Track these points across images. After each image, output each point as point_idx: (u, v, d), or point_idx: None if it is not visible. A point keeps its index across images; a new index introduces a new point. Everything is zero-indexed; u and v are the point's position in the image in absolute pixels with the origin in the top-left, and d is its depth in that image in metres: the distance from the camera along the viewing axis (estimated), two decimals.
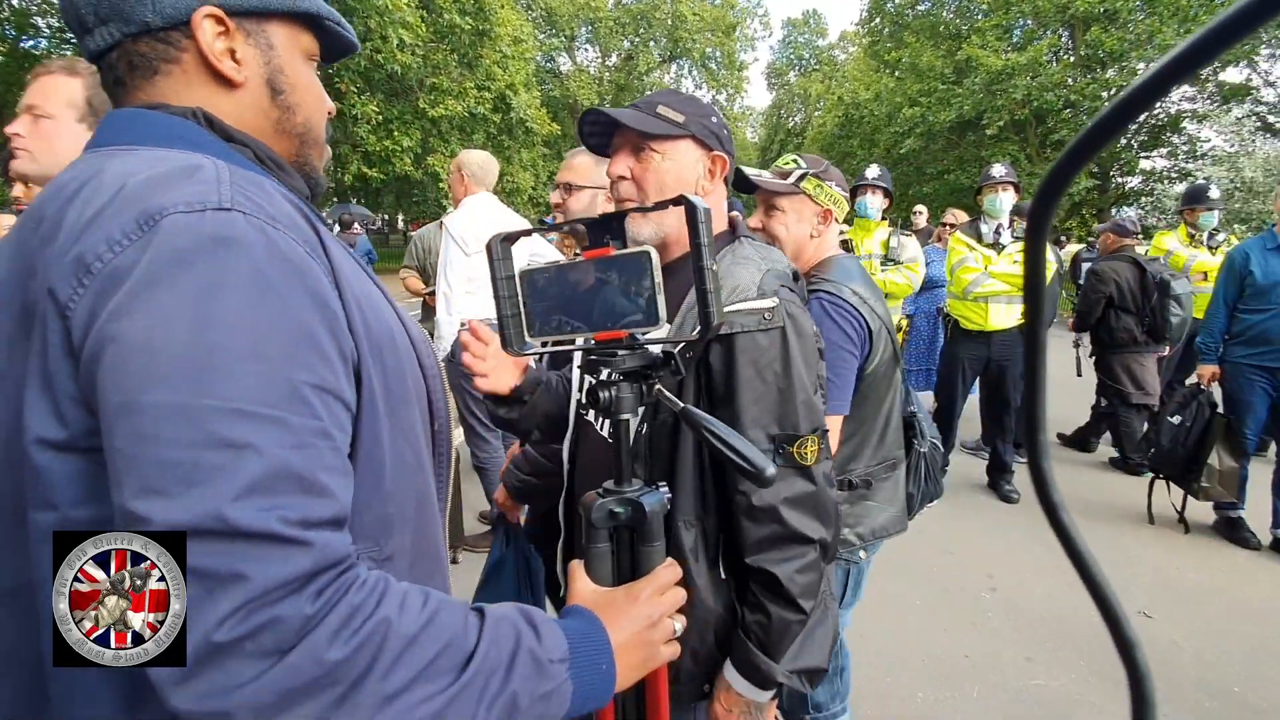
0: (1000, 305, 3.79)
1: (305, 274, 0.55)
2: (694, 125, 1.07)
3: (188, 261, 0.50)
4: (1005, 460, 4.09)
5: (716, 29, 26.61)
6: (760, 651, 0.97)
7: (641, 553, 0.76)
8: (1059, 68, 15.36)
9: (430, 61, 12.12)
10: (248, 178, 0.58)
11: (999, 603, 2.96)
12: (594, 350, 0.75)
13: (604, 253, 0.72)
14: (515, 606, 0.61)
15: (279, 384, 0.50)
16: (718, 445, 0.70)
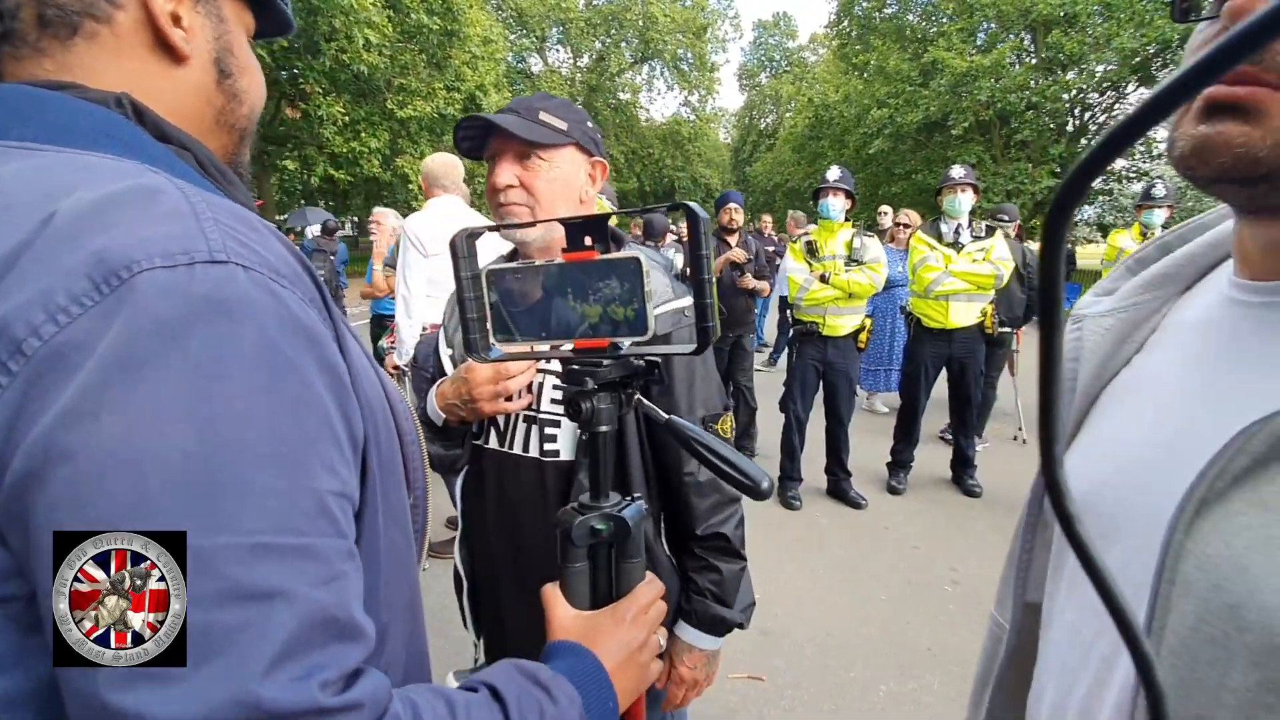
0: (960, 303, 3.86)
1: (320, 343, 0.44)
2: (576, 132, 1.09)
3: (178, 337, 0.38)
4: (968, 455, 4.17)
5: (688, 30, 26.70)
6: (718, 604, 1.11)
7: (622, 569, 0.73)
8: (1021, 70, 15.72)
9: (398, 62, 11.96)
10: (225, 208, 0.45)
11: (961, 595, 3.02)
12: (576, 359, 0.71)
13: (588, 256, 0.68)
14: (517, 670, 0.56)
15: (305, 498, 0.41)
16: (709, 457, 0.71)
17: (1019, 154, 16.23)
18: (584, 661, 0.62)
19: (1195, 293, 0.58)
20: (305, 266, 0.48)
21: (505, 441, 1.12)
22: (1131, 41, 13.46)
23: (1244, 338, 0.49)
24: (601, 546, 0.72)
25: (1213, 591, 0.42)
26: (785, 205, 23.58)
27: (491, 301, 0.71)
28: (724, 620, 1.12)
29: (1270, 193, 0.43)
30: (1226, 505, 0.43)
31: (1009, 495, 4.09)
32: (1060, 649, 0.60)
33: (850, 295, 3.69)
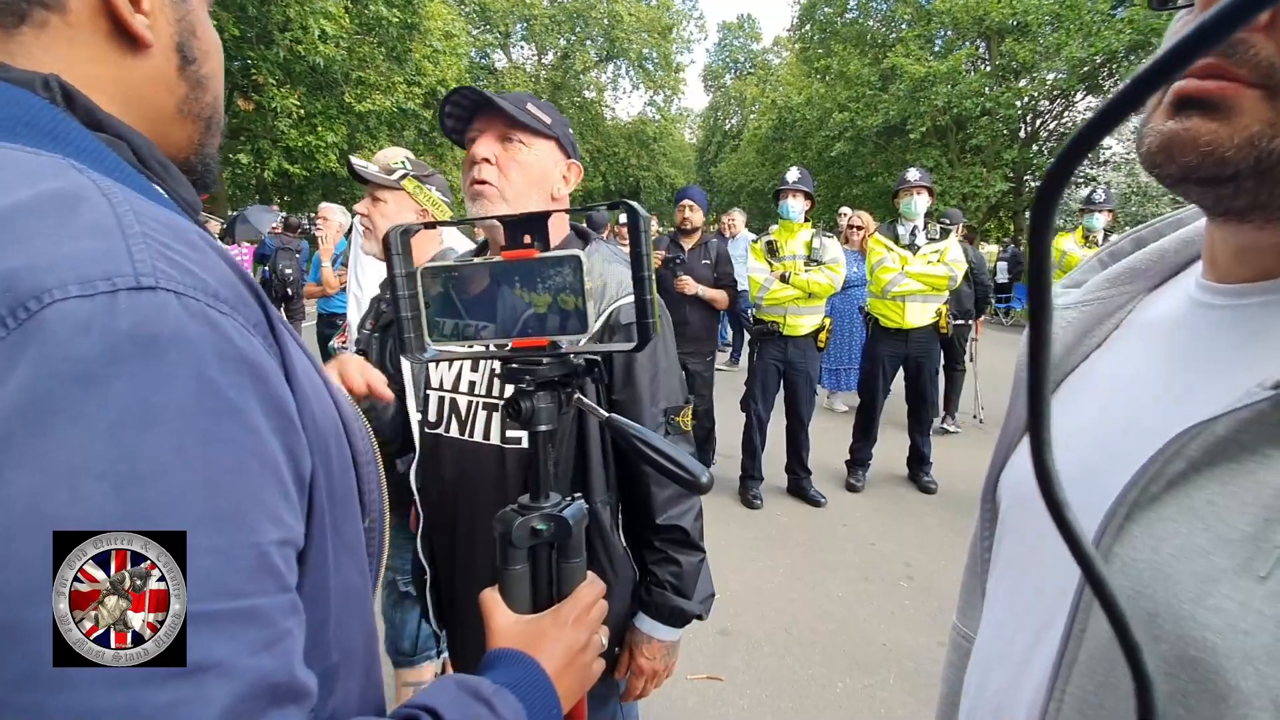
0: (916, 304, 3.94)
1: (264, 378, 0.40)
2: (558, 130, 1.13)
3: (97, 381, 0.33)
4: (924, 453, 4.26)
5: (652, 30, 26.73)
6: (678, 596, 1.12)
7: (563, 570, 0.72)
8: (976, 77, 16.16)
9: (356, 54, 11.67)
10: (157, 218, 0.39)
11: (916, 590, 3.08)
12: (516, 358, 0.70)
13: (527, 254, 0.67)
14: (459, 687, 0.54)
15: (245, 555, 0.37)
16: (650, 454, 0.71)
17: (974, 158, 16.68)
18: (526, 670, 0.61)
19: (1163, 291, 0.56)
20: (249, 284, 0.43)
21: (465, 429, 1.12)
22: (1080, 51, 13.95)
23: (1203, 340, 0.48)
24: (542, 547, 0.71)
25: (1133, 598, 0.42)
26: (750, 206, 23.83)
27: (426, 301, 0.70)
28: (683, 612, 1.13)
29: (1237, 195, 0.41)
30: (1159, 510, 0.42)
31: (963, 491, 4.19)
32: (982, 648, 0.59)
33: (810, 295, 3.73)
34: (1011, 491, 0.60)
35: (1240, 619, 0.37)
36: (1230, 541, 0.39)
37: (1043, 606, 0.50)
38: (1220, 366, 0.45)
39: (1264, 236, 0.44)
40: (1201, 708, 0.38)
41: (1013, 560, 0.58)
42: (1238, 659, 0.36)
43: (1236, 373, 0.43)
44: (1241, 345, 0.45)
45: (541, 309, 0.68)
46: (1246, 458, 0.39)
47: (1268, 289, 0.45)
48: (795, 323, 3.80)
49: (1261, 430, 0.39)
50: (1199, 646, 0.38)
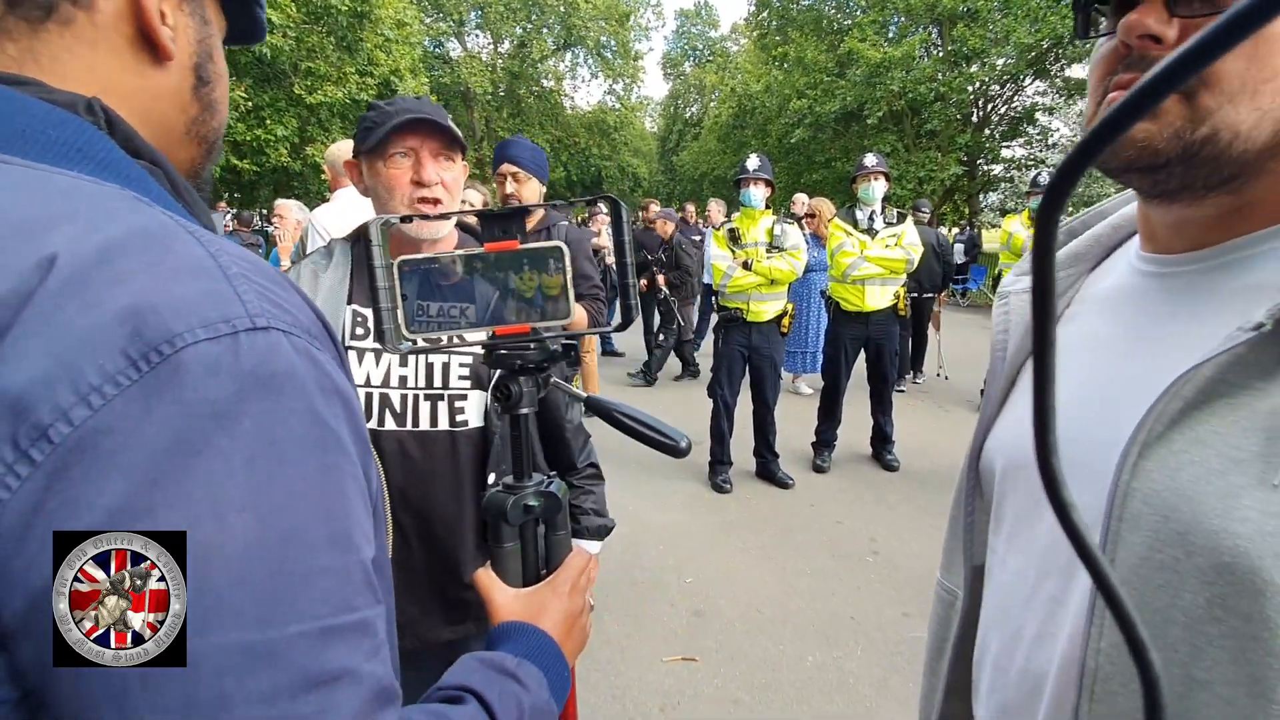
0: (875, 287, 4.03)
1: (352, 407, 0.43)
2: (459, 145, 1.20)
3: (230, 419, 0.35)
4: (886, 431, 4.37)
5: (610, 17, 26.47)
6: (599, 516, 1.37)
7: (552, 542, 0.77)
8: (929, 62, 16.47)
9: (304, 44, 11.30)
10: (243, 257, 0.41)
11: (881, 565, 3.18)
12: (502, 345, 0.74)
13: (509, 245, 0.71)
14: (485, 665, 0.57)
15: (356, 573, 0.40)
16: (633, 425, 0.77)
17: (929, 143, 17.02)
18: (537, 639, 0.65)
19: (1104, 269, 0.64)
20: (321, 318, 0.45)
21: (405, 421, 1.16)
22: (1027, 37, 14.31)
23: (1156, 303, 0.55)
24: (529, 524, 0.75)
25: (1161, 522, 0.47)
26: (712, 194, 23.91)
27: (404, 292, 0.72)
28: (606, 527, 1.39)
29: (1169, 179, 0.49)
30: (1168, 445, 0.48)
31: (924, 467, 4.32)
32: (1002, 597, 0.64)
33: (772, 281, 3.78)
34: (1006, 456, 0.65)
35: (1264, 523, 0.42)
36: (1241, 461, 0.44)
37: (1066, 549, 0.52)
38: (1179, 324, 0.52)
39: (1193, 212, 0.52)
40: (1240, 605, 0.43)
41: (1021, 516, 0.62)
42: (1270, 557, 0.42)
43: (1195, 327, 0.50)
44: (1191, 304, 0.52)
45: (522, 297, 0.71)
46: (1238, 392, 0.45)
47: (1203, 256, 0.53)
48: (758, 309, 3.85)
49: (1245, 368, 0.45)
50: (1233, 553, 0.43)
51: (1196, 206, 0.51)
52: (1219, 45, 0.16)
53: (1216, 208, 0.51)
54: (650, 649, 2.53)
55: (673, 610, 2.80)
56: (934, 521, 3.56)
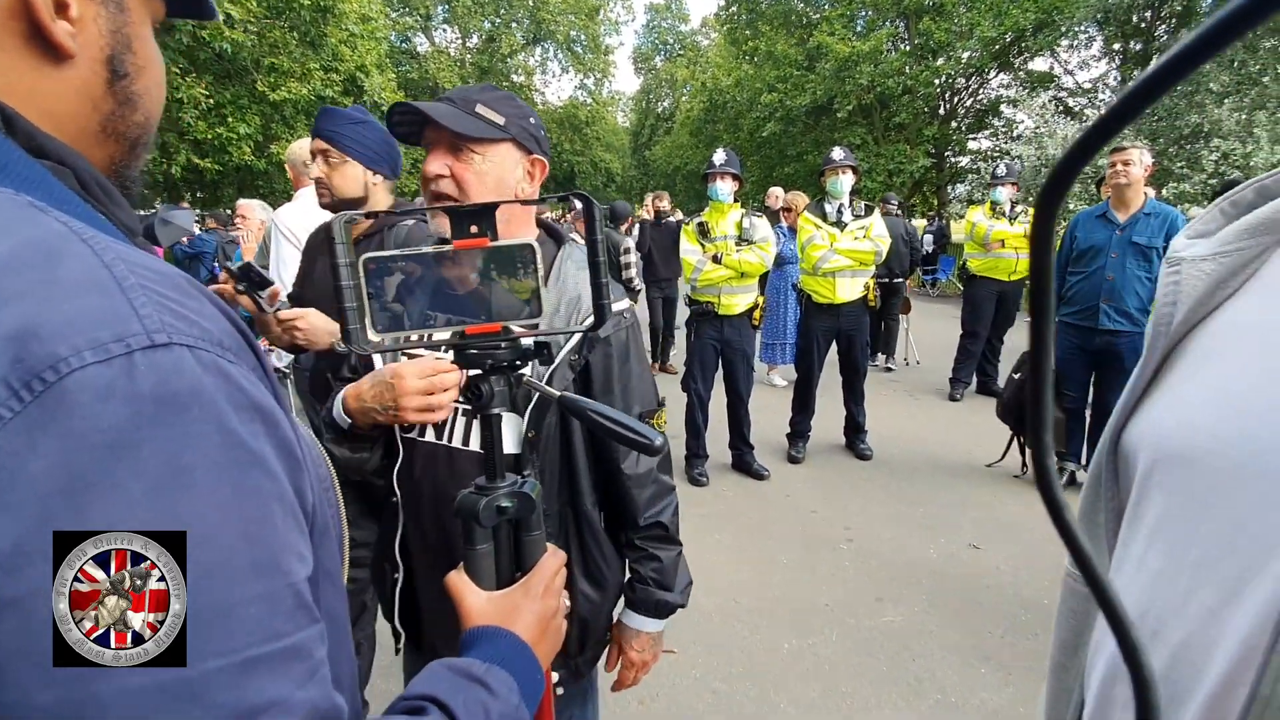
0: (846, 279, 4.08)
1: (275, 422, 0.40)
2: (513, 128, 1.06)
3: (128, 449, 0.33)
4: (859, 421, 4.44)
5: (579, 11, 26.32)
6: (661, 590, 1.17)
7: (525, 544, 0.75)
8: (897, 56, 16.65)
9: (266, 40, 11.03)
10: (145, 265, 0.38)
11: (854, 552, 3.23)
12: (473, 344, 0.72)
13: (480, 243, 0.69)
14: (452, 672, 0.56)
15: (284, 599, 0.38)
16: (605, 424, 0.75)
17: (898, 136, 17.24)
18: (508, 643, 0.65)
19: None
20: (239, 327, 0.42)
21: (442, 434, 1.11)
22: (991, 30, 14.56)
23: None
24: (503, 525, 0.74)
25: None
26: (685, 188, 23.93)
27: (370, 291, 0.70)
28: (667, 604, 1.18)
29: None
30: None
31: (896, 456, 4.40)
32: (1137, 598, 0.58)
33: (742, 275, 3.81)
34: (1155, 444, 0.58)
35: None
36: None
37: (1234, 561, 0.49)
38: None
39: None
40: None
41: (1173, 516, 0.56)
42: None
43: None
44: None
45: (494, 295, 0.70)
46: None
47: None
48: (729, 302, 3.87)
49: None
50: None
51: None
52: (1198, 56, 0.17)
53: None
54: None
55: None
56: (906, 509, 3.63)
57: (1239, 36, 0.17)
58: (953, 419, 5.20)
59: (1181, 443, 0.55)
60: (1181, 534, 0.54)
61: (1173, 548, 0.55)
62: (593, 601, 1.16)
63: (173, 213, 4.75)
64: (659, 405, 1.20)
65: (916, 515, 3.56)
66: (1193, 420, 0.54)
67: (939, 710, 2.19)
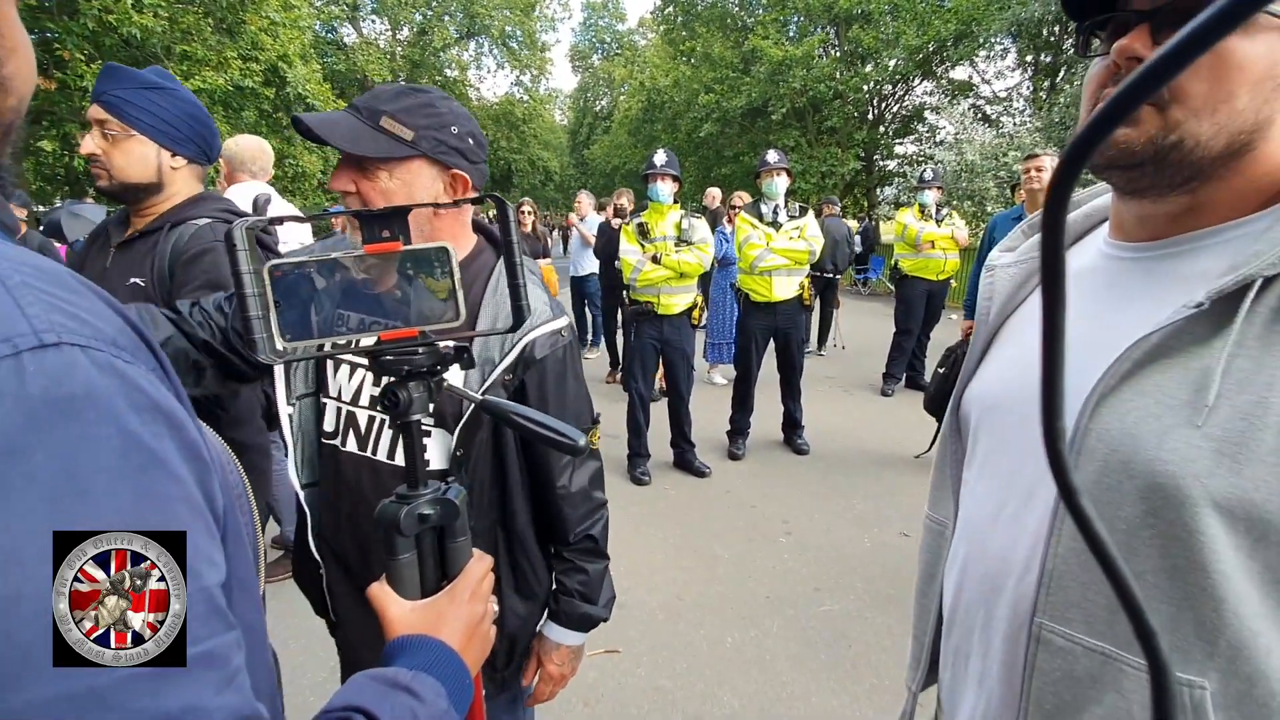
0: (782, 278, 4.18)
1: (178, 424, 0.39)
2: (425, 143, 0.98)
3: (19, 454, 0.31)
4: (796, 417, 4.56)
5: (515, 7, 25.90)
6: (585, 603, 1.16)
7: (450, 550, 0.74)
8: (828, 61, 17.19)
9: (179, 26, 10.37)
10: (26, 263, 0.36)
11: (793, 545, 3.31)
12: (389, 350, 0.70)
13: (392, 247, 0.68)
14: (376, 681, 0.55)
15: (196, 604, 0.37)
16: (528, 426, 0.75)
17: (830, 139, 17.79)
18: (433, 651, 0.64)
19: (1075, 251, 0.76)
20: (134, 327, 0.40)
21: (366, 446, 1.06)
22: (915, 39, 15.22)
23: (1123, 282, 0.67)
24: (425, 534, 0.73)
25: (1110, 454, 0.60)
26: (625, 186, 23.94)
27: (276, 298, 0.67)
28: (590, 617, 1.17)
29: (1141, 177, 0.61)
30: (1118, 395, 0.60)
31: (832, 450, 4.54)
32: (970, 515, 0.75)
33: (681, 275, 3.85)
34: (980, 403, 0.78)
35: (1188, 453, 0.55)
36: (1173, 407, 0.57)
37: (1025, 478, 0.68)
38: (1137, 300, 0.64)
39: (1157, 208, 0.64)
40: (1166, 513, 0.56)
41: (991, 451, 0.75)
42: (1189, 478, 0.55)
43: (1149, 303, 0.62)
44: (1148, 284, 0.64)
45: (408, 299, 0.69)
46: (1177, 355, 0.58)
47: (1161, 245, 0.65)
48: (669, 302, 3.91)
49: (1184, 337, 0.58)
50: (1164, 476, 0.56)
51: (1160, 203, 0.63)
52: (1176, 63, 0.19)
53: (1175, 205, 0.62)
54: None
55: None
56: (842, 501, 3.76)
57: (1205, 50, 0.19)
58: (884, 413, 5.41)
59: (994, 397, 0.76)
60: (995, 464, 0.74)
61: (991, 475, 0.74)
62: (521, 616, 1.15)
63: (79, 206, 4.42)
64: (594, 422, 1.19)
65: (851, 507, 3.68)
66: (1000, 380, 0.76)
67: (874, 694, 2.27)
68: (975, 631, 0.73)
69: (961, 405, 0.83)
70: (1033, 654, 0.65)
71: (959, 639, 0.77)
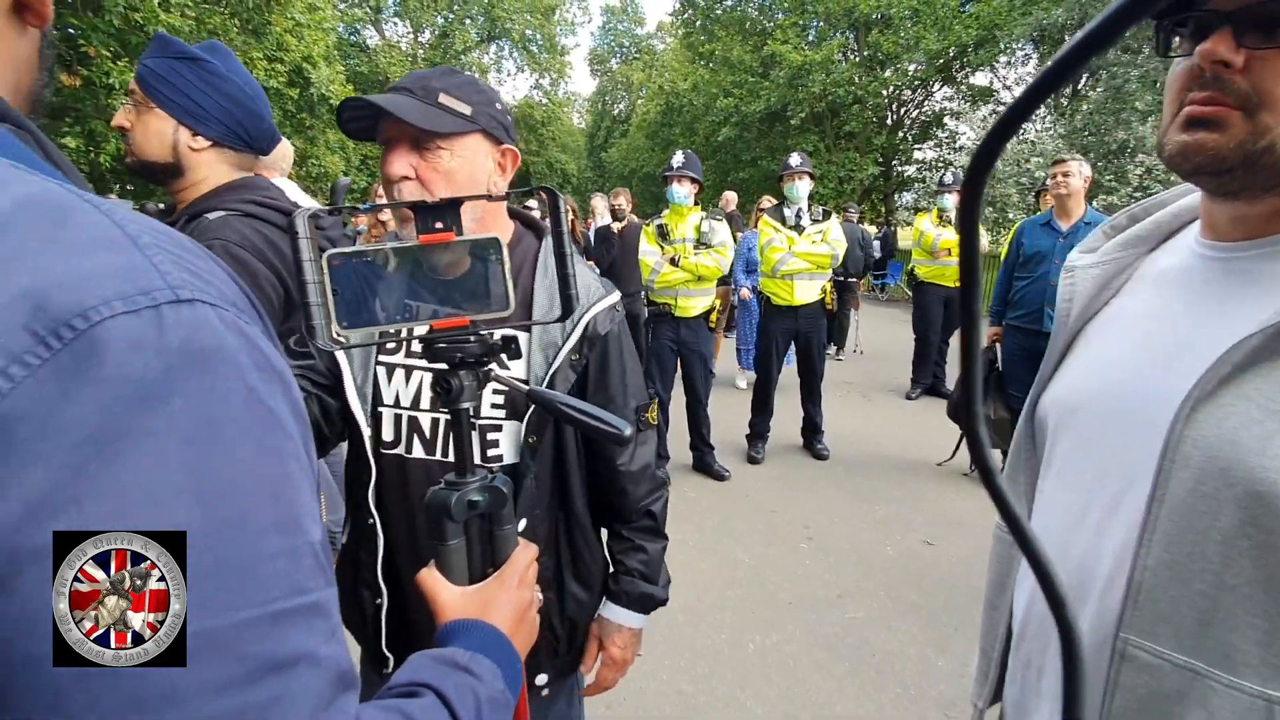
0: (804, 281, 4.16)
1: (288, 382, 0.40)
2: (482, 117, 0.98)
3: (159, 400, 0.32)
4: (816, 422, 4.52)
5: (535, 10, 26.07)
6: (646, 582, 1.15)
7: (498, 538, 0.75)
8: (848, 66, 17.10)
9: (205, 25, 10.53)
10: (153, 226, 0.37)
11: (814, 550, 3.28)
12: (440, 338, 0.72)
13: (445, 238, 0.70)
14: (437, 660, 0.56)
15: (306, 554, 0.38)
16: (576, 416, 0.76)
17: (848, 144, 17.70)
18: (486, 634, 0.65)
19: (1162, 251, 0.75)
20: (244, 291, 0.42)
21: (434, 449, 1.03)
22: (935, 44, 15.11)
23: (1216, 282, 0.66)
24: (474, 520, 0.74)
25: (1208, 461, 0.58)
26: (641, 190, 23.99)
27: (334, 287, 0.69)
28: (652, 597, 1.16)
29: (1232, 181, 0.60)
30: (1216, 400, 0.58)
31: (852, 454, 4.49)
32: (1047, 524, 0.73)
33: (699, 278, 3.84)
34: (1060, 405, 0.75)
35: None
36: (1276, 412, 0.55)
37: (1110, 485, 0.66)
38: (1233, 301, 0.63)
39: (1251, 209, 0.63)
40: (1266, 521, 0.54)
41: (1071, 457, 0.72)
42: None
43: (1247, 304, 0.60)
44: (1245, 285, 0.63)
45: (460, 289, 0.71)
46: (1279, 358, 0.56)
47: (1258, 245, 0.63)
48: (686, 304, 3.90)
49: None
50: (1264, 484, 0.54)
51: (1254, 204, 0.62)
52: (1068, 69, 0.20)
53: (1271, 206, 0.61)
54: None
55: None
56: (863, 506, 3.72)
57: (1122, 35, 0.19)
58: (905, 419, 5.36)
59: (1075, 401, 0.73)
60: (1076, 470, 0.71)
61: (1072, 482, 0.71)
62: (581, 602, 1.13)
63: None
64: (651, 398, 1.20)
65: (872, 512, 3.64)
66: (1083, 384, 0.73)
67: (901, 702, 2.24)
68: (1050, 645, 0.71)
69: (1038, 410, 0.80)
70: (1115, 670, 0.62)
71: (1030, 652, 0.75)
